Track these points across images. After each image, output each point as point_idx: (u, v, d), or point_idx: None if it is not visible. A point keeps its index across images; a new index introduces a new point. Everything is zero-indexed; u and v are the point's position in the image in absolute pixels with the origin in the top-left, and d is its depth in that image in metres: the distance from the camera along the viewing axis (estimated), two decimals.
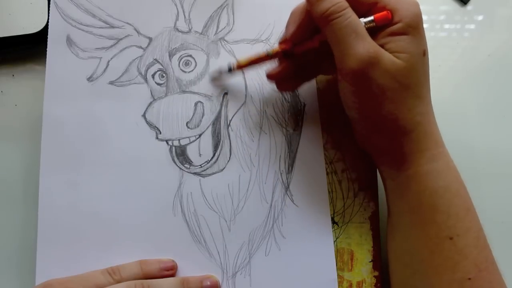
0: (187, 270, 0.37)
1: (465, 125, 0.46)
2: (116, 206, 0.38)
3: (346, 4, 0.32)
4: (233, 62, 0.39)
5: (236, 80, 0.41)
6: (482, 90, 0.47)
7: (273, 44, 0.42)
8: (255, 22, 0.42)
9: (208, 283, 0.36)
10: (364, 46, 0.31)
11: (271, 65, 0.38)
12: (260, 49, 0.42)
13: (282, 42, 0.37)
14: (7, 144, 0.42)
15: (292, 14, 0.36)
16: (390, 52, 0.32)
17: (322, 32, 0.33)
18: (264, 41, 0.42)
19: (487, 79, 0.48)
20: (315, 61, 0.37)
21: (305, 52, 0.36)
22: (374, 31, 0.33)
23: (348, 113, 0.35)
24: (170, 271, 0.37)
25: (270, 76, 0.38)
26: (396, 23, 0.32)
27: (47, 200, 0.37)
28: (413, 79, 0.33)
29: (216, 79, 0.41)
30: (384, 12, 0.32)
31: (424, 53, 0.33)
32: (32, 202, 0.38)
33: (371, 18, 0.32)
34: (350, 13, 0.32)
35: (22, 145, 0.41)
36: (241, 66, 0.38)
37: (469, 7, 0.49)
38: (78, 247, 0.37)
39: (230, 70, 0.39)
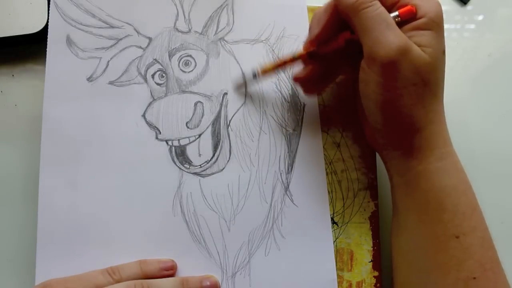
0: (187, 270, 0.37)
1: (465, 125, 0.46)
2: (115, 206, 0.38)
3: None
4: (257, 68, 0.39)
5: (235, 80, 0.41)
6: (482, 90, 0.47)
7: (273, 44, 0.42)
8: (255, 22, 0.42)
9: (208, 283, 0.37)
10: (395, 36, 0.31)
11: (297, 68, 0.38)
12: (260, 49, 0.42)
13: (306, 44, 0.37)
14: (7, 144, 0.42)
15: (314, 16, 0.37)
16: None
17: (351, 25, 0.33)
18: (263, 41, 0.42)
19: (487, 79, 0.48)
20: (338, 62, 0.38)
21: (329, 53, 0.36)
22: (398, 26, 0.33)
23: (365, 105, 0.35)
24: (169, 271, 0.37)
25: (297, 79, 0.38)
26: (420, 18, 0.32)
27: (47, 200, 0.37)
28: (433, 76, 0.33)
29: (240, 86, 0.41)
30: (409, 6, 0.33)
31: (444, 52, 0.34)
32: (32, 202, 0.38)
33: (396, 13, 0.33)
34: (379, 5, 0.32)
35: (22, 145, 0.41)
36: (266, 71, 0.38)
37: (469, 7, 0.49)
38: (78, 247, 0.37)
39: (254, 76, 0.39)
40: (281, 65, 0.38)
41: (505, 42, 0.49)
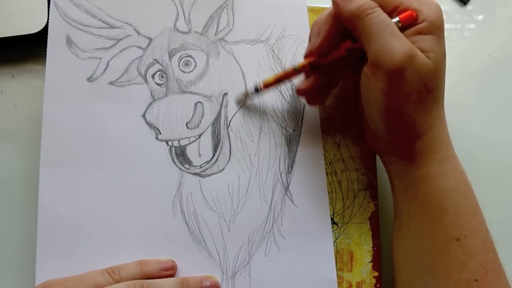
0: (187, 270, 0.37)
1: (465, 125, 0.46)
2: (115, 206, 0.38)
3: (375, 3, 0.32)
4: (259, 82, 0.39)
5: (236, 81, 0.41)
6: (482, 90, 0.47)
7: (273, 45, 0.42)
8: (255, 22, 0.42)
9: (208, 283, 0.37)
10: (401, 43, 0.31)
11: (299, 81, 0.38)
12: (260, 49, 0.42)
13: (307, 55, 0.37)
14: (7, 144, 0.42)
15: (313, 26, 0.36)
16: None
17: (354, 32, 0.33)
18: (263, 42, 0.42)
19: (487, 79, 0.48)
20: (339, 70, 0.37)
21: (330, 63, 0.36)
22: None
23: (367, 111, 0.35)
24: (169, 271, 0.37)
25: (300, 92, 0.38)
26: (421, 22, 0.32)
27: (47, 200, 0.37)
28: (436, 82, 0.33)
29: (241, 100, 0.41)
30: (409, 11, 0.32)
31: (445, 57, 0.33)
32: (32, 202, 0.38)
33: (397, 19, 0.32)
34: (381, 11, 0.32)
35: (22, 145, 0.41)
36: (268, 85, 0.38)
37: (469, 7, 0.49)
38: (78, 247, 0.37)
39: (257, 90, 0.39)
40: (282, 77, 0.38)
41: (505, 42, 0.49)
